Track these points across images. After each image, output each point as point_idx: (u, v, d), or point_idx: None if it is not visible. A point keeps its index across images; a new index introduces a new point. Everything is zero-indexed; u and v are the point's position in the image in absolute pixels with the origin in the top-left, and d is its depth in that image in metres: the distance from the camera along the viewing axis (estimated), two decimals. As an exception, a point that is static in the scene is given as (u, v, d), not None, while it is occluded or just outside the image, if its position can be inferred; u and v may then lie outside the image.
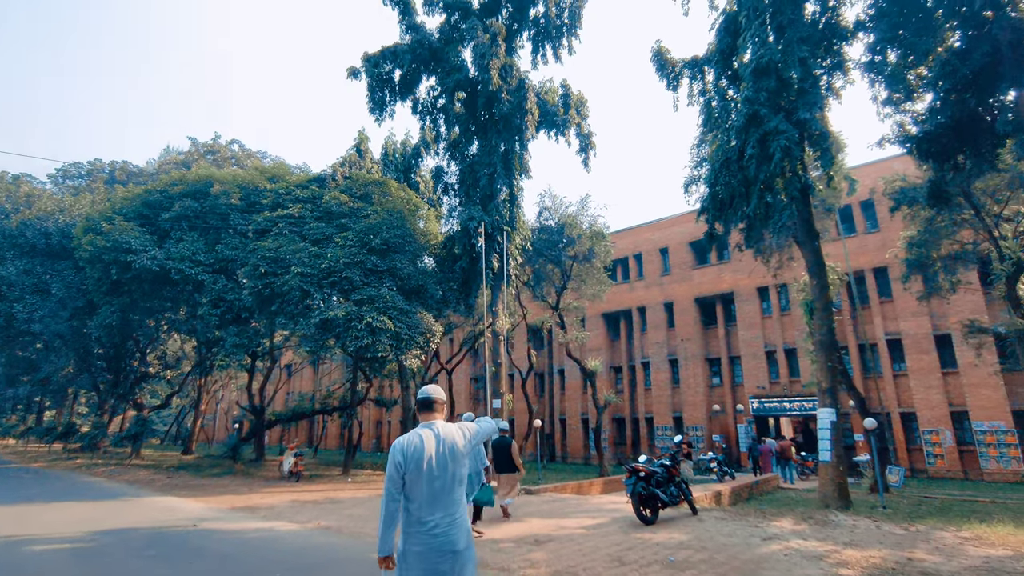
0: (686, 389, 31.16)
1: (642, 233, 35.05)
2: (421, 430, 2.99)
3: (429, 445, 2.89)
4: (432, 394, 3.09)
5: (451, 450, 2.91)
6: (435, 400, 3.08)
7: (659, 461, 10.42)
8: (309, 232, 17.48)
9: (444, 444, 2.92)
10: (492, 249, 18.20)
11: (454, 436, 2.98)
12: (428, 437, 2.93)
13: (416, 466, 2.82)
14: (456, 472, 2.91)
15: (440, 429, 2.99)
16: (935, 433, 23.31)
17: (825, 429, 10.88)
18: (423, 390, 3.11)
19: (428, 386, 3.14)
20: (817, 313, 11.70)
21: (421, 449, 2.86)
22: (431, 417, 3.07)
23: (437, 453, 2.88)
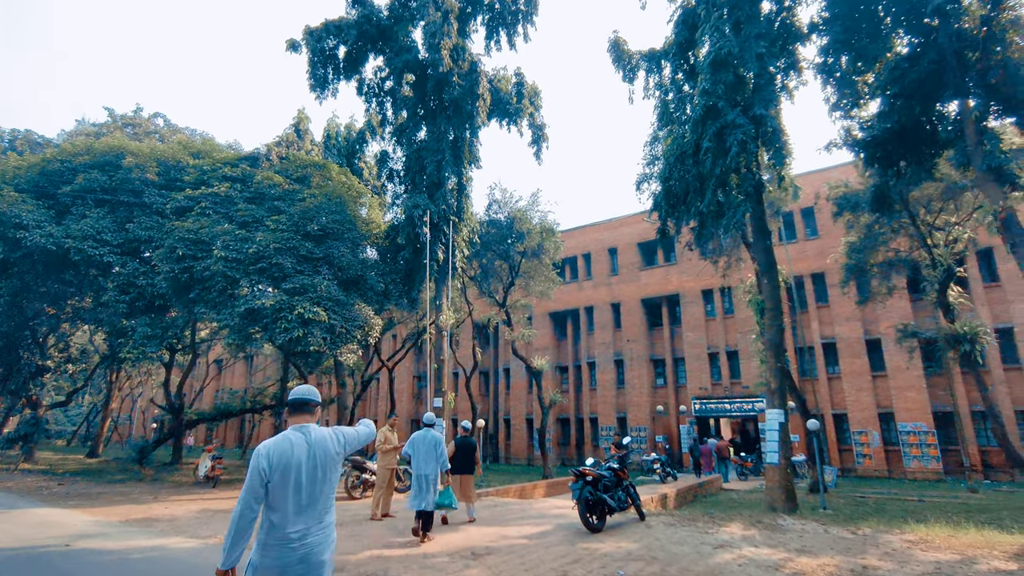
0: (631, 390, 31.22)
1: (591, 233, 34.96)
2: (291, 434, 2.76)
3: (299, 451, 2.70)
4: (305, 395, 2.89)
5: (323, 456, 2.75)
6: (309, 402, 2.88)
7: (607, 464, 9.87)
8: (237, 214, 15.95)
9: (316, 450, 2.74)
10: (438, 240, 17.25)
11: (327, 441, 2.81)
12: (298, 442, 2.73)
13: (283, 474, 2.62)
14: (328, 479, 2.77)
15: (312, 433, 2.78)
16: (864, 434, 24.24)
17: (773, 431, 10.69)
18: (296, 390, 2.91)
19: (301, 386, 2.95)
20: (767, 313, 11.54)
21: (289, 455, 2.66)
22: (304, 420, 2.86)
23: (307, 459, 2.70)
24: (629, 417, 30.93)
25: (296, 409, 2.88)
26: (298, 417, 2.86)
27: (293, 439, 2.74)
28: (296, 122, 21.09)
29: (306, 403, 2.87)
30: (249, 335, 14.93)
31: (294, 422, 2.86)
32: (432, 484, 8.02)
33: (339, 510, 10.98)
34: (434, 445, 8.23)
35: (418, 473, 8.05)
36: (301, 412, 2.87)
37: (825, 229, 26.98)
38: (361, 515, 10.29)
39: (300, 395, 2.89)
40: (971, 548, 7.55)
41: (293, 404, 2.88)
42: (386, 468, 10.02)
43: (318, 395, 2.98)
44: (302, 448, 2.71)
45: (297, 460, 2.67)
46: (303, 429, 2.81)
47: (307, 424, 2.84)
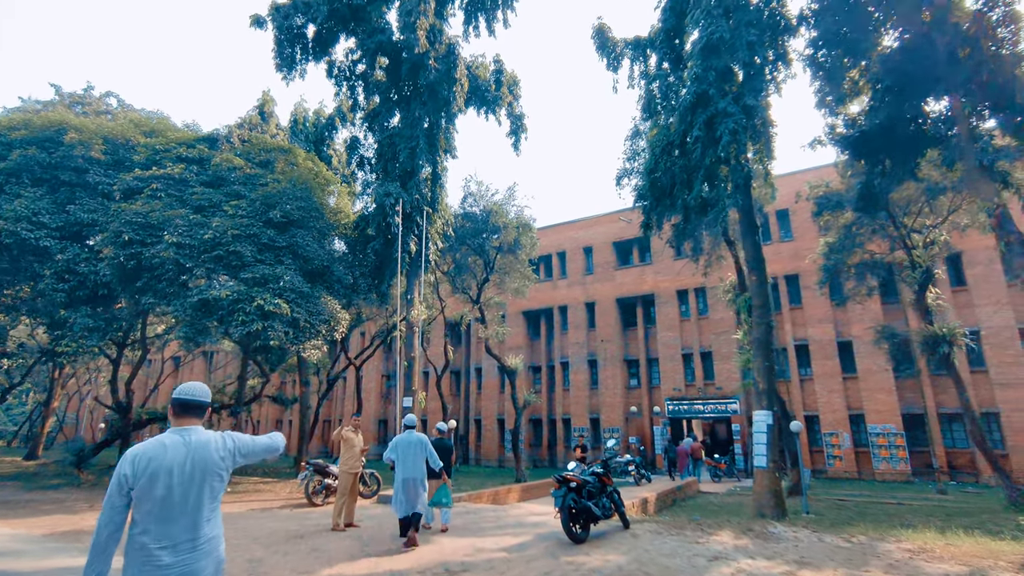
0: (604, 390, 30.83)
1: (566, 231, 34.48)
2: (167, 437, 2.43)
3: (173, 456, 2.36)
4: (190, 394, 2.54)
5: (202, 465, 2.40)
6: (193, 403, 2.53)
7: (590, 468, 9.23)
8: (192, 197, 14.76)
9: (194, 457, 2.40)
10: (410, 231, 16.39)
11: (209, 446, 2.45)
12: (174, 447, 2.39)
13: (149, 482, 2.30)
14: (206, 488, 2.41)
15: (193, 438, 2.44)
16: (835, 435, 24.36)
17: (761, 433, 10.26)
18: (180, 388, 2.55)
19: (189, 384, 2.60)
20: (755, 310, 11.11)
21: (159, 461, 2.33)
22: (188, 422, 2.50)
23: (180, 467, 2.35)
24: (602, 418, 30.53)
25: (180, 410, 2.52)
26: (181, 419, 2.52)
27: (168, 442, 2.41)
28: (260, 104, 19.87)
29: (190, 404, 2.52)
30: (203, 328, 13.79)
31: (176, 424, 2.51)
32: (421, 487, 7.48)
33: (298, 519, 10.06)
34: (421, 446, 7.65)
35: (405, 477, 7.43)
36: (185, 414, 2.52)
37: (799, 231, 27.12)
38: (323, 524, 9.39)
39: (184, 394, 2.54)
40: (974, 558, 7.17)
41: (176, 404, 2.52)
42: (349, 473, 9.15)
43: (207, 394, 2.61)
44: (177, 452, 2.37)
45: (168, 466, 2.33)
46: (183, 432, 2.46)
47: (190, 427, 2.49)
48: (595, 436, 30.86)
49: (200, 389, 2.61)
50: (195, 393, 2.56)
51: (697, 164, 11.37)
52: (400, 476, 7.46)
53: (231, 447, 2.52)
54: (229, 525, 9.40)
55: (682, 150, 12.13)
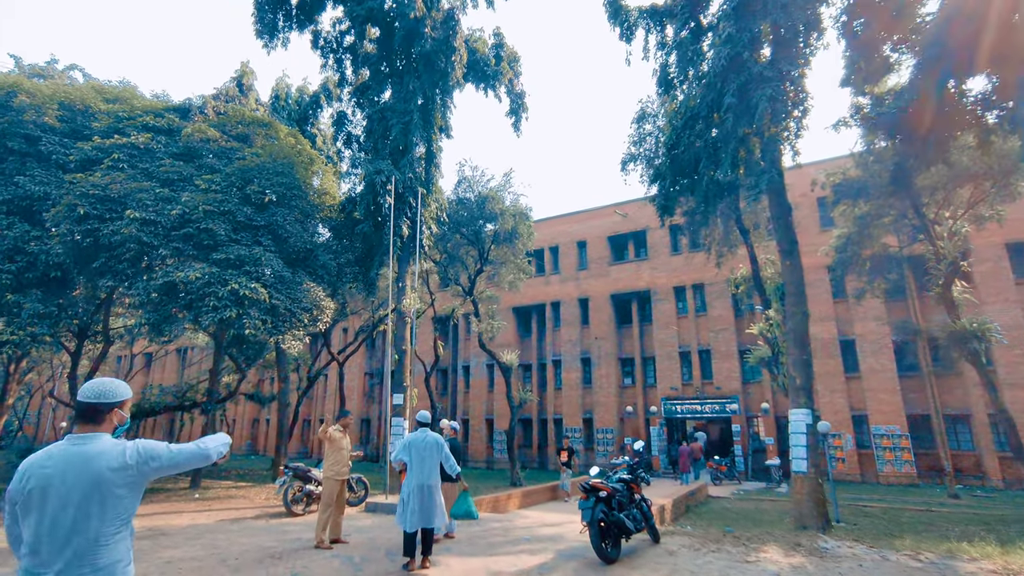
0: (598, 390, 29.75)
1: (559, 225, 33.33)
2: (56, 446, 2.01)
3: (55, 469, 1.94)
4: (92, 395, 2.06)
5: (88, 479, 1.94)
6: (91, 406, 2.05)
7: (617, 475, 8.06)
8: (159, 170, 13.24)
9: (78, 470, 1.94)
10: (403, 213, 15.05)
11: (100, 460, 1.97)
12: (60, 457, 1.97)
13: (27, 498, 1.93)
14: (94, 510, 1.93)
15: (87, 447, 1.99)
16: (837, 437, 23.58)
17: (800, 434, 9.20)
18: (83, 388, 2.09)
19: (94, 381, 2.11)
20: (790, 298, 10.06)
21: (40, 474, 1.94)
22: (86, 428, 2.05)
23: (61, 482, 1.92)
24: (596, 418, 29.45)
25: (83, 416, 2.06)
26: (84, 426, 2.05)
27: (55, 452, 1.98)
28: (239, 75, 18.31)
29: (96, 408, 2.05)
30: (169, 315, 12.28)
31: (79, 430, 2.05)
32: (436, 495, 6.28)
33: (276, 532, 8.69)
34: (437, 448, 6.46)
35: (419, 483, 6.22)
36: (82, 419, 2.05)
37: (802, 226, 26.11)
38: (305, 539, 8.05)
39: (85, 396, 2.06)
40: (1076, 580, 6.17)
41: (80, 409, 2.06)
42: (335, 479, 7.83)
43: (114, 394, 2.10)
44: (60, 464, 1.94)
45: (46, 480, 1.92)
46: (79, 440, 2.01)
47: (88, 435, 2.02)
48: (588, 437, 29.78)
49: (104, 388, 2.11)
50: (95, 394, 2.07)
51: (727, 136, 10.29)
52: (413, 482, 6.23)
53: (134, 458, 2.01)
54: (193, 540, 8.00)
55: (707, 123, 11.04)
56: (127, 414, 2.19)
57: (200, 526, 9.26)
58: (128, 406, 2.21)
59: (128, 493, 2.01)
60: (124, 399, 2.14)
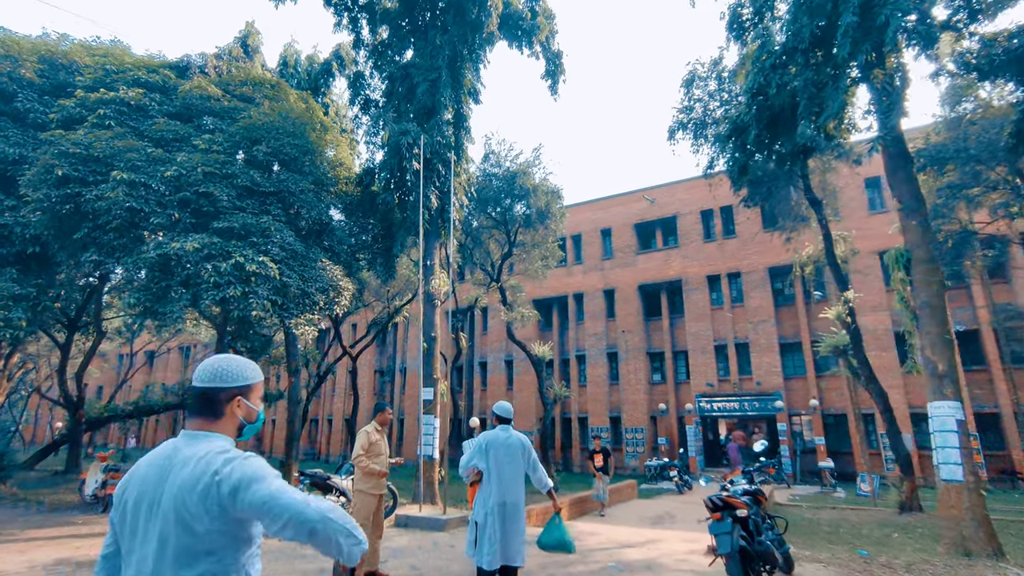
0: (626, 386, 27.87)
1: (582, 212, 31.40)
2: (171, 446, 1.49)
3: (145, 475, 1.46)
4: (212, 374, 1.51)
5: (174, 500, 1.38)
6: (217, 393, 1.51)
7: (740, 487, 6.21)
8: (152, 128, 11.45)
9: (166, 484, 1.41)
10: (430, 182, 13.22)
11: (193, 474, 1.38)
12: (155, 460, 1.48)
13: (121, 513, 1.46)
14: (170, 543, 1.36)
15: (193, 452, 1.43)
16: (894, 436, 21.61)
17: (949, 432, 7.36)
18: (202, 366, 1.52)
19: (216, 357, 1.56)
20: (918, 267, 8.19)
21: (130, 480, 1.48)
22: (204, 424, 1.50)
23: (151, 494, 1.42)
24: (624, 417, 27.57)
25: (191, 405, 1.52)
26: (192, 419, 1.51)
27: (156, 452, 1.48)
28: (244, 35, 16.53)
29: (202, 394, 1.50)
30: (163, 293, 10.46)
31: (189, 426, 1.51)
32: (522, 519, 4.54)
33: (291, 558, 6.86)
34: (521, 451, 4.64)
35: (500, 500, 4.45)
36: (195, 410, 1.50)
37: (848, 209, 24.12)
38: (330, 568, 6.23)
39: (198, 378, 1.50)
40: None
41: (190, 395, 1.54)
42: (371, 494, 5.96)
43: (239, 375, 1.52)
44: (152, 470, 1.44)
45: (136, 489, 1.44)
46: (190, 439, 1.47)
47: (202, 433, 1.48)
48: (615, 437, 27.91)
49: (223, 367, 1.52)
50: (211, 374, 1.49)
51: (840, 67, 8.43)
52: (492, 499, 4.42)
53: (227, 483, 1.35)
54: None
55: (807, 59, 9.18)
56: (258, 406, 1.58)
57: (198, 548, 7.44)
58: (259, 393, 1.58)
59: (214, 533, 1.35)
60: (252, 383, 1.54)
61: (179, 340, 38.95)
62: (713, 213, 27.54)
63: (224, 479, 1.34)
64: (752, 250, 26.09)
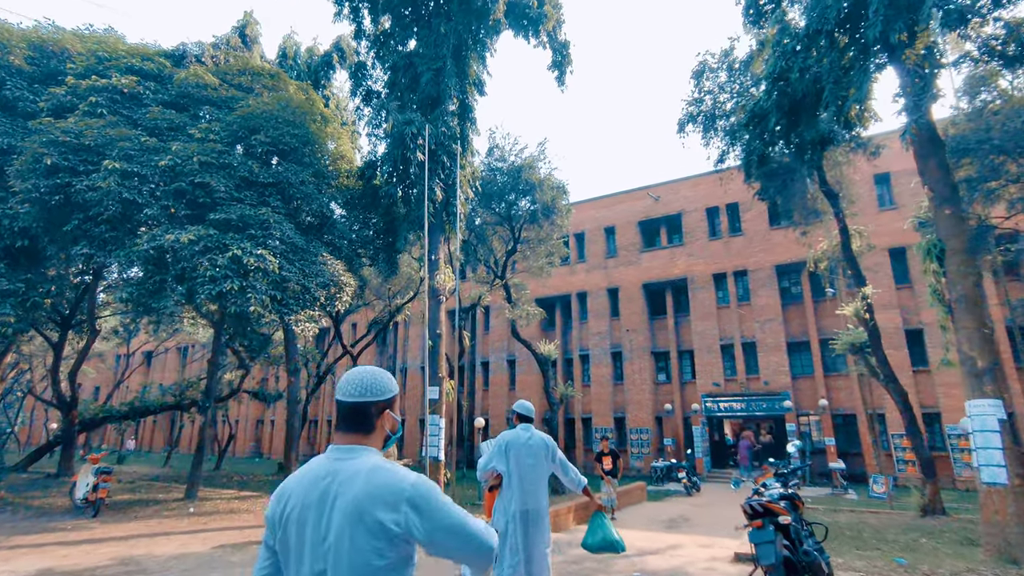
0: (630, 386, 27.44)
1: (585, 210, 30.97)
2: (327, 461, 1.46)
3: (309, 489, 1.44)
4: (363, 388, 1.50)
5: (355, 515, 1.35)
6: (368, 407, 1.50)
7: (775, 490, 5.78)
8: (146, 117, 11.01)
9: (347, 499, 1.36)
10: (435, 174, 12.78)
11: (380, 493, 1.36)
12: (315, 473, 1.46)
13: (284, 531, 1.43)
14: (349, 565, 1.33)
15: (363, 464, 1.43)
16: (905, 437, 21.21)
17: (991, 432, 6.92)
18: (347, 380, 1.51)
19: (360, 370, 1.54)
20: (954, 256, 7.76)
21: (293, 494, 1.45)
22: (356, 439, 1.48)
23: (316, 510, 1.39)
24: (628, 417, 27.14)
25: (341, 420, 1.50)
26: (342, 434, 1.48)
27: (315, 468, 1.44)
28: (242, 25, 16.08)
29: (354, 409, 1.48)
30: (158, 288, 10.02)
31: (338, 441, 1.48)
32: (546, 527, 4.09)
33: None
34: (548, 454, 4.18)
35: (522, 508, 4.00)
36: (345, 425, 1.48)
37: (856, 207, 23.58)
38: None
39: (347, 393, 1.49)
40: None
41: (338, 410, 1.52)
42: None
43: (387, 387, 1.51)
44: (317, 485, 1.40)
45: (301, 503, 1.39)
46: (346, 454, 1.43)
47: (357, 447, 1.44)
48: (620, 438, 27.48)
49: (372, 381, 1.50)
50: (361, 388, 1.48)
51: (868, 49, 8.03)
52: (514, 505, 3.99)
53: (416, 506, 1.35)
54: (180, 584, 5.75)
55: (831, 42, 8.76)
56: (399, 416, 1.61)
57: (191, 556, 7.00)
58: (398, 404, 1.57)
59: (392, 556, 1.34)
60: (395, 395, 1.55)
61: (177, 340, 38.42)
62: (719, 210, 27.15)
63: (416, 498, 1.34)
64: (758, 248, 25.70)
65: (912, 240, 22.11)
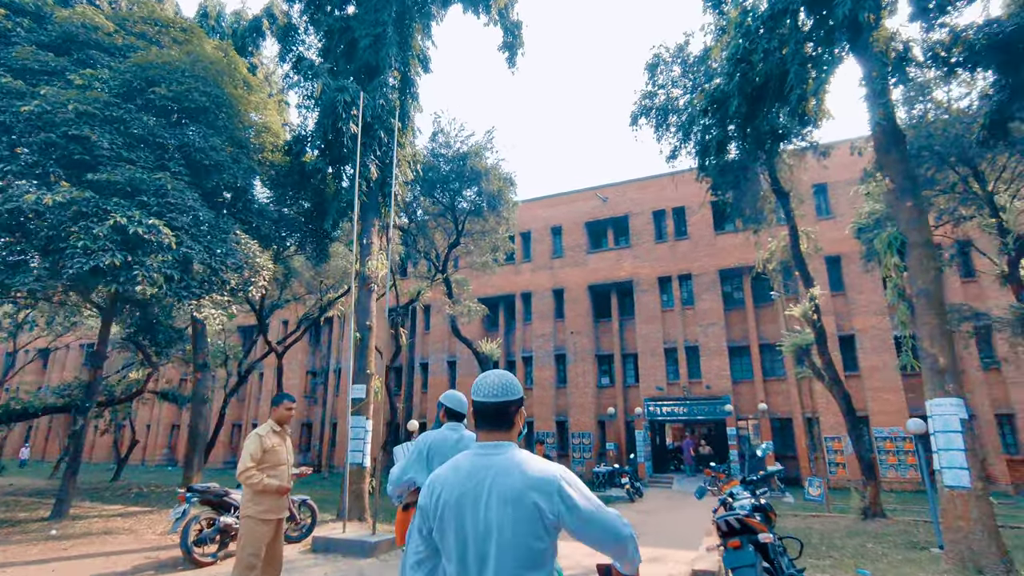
0: (574, 389, 26.88)
1: (532, 209, 30.27)
2: (476, 458, 1.59)
3: (480, 482, 1.54)
4: (503, 388, 1.62)
5: (518, 499, 1.48)
6: (510, 405, 1.61)
7: (745, 500, 5.00)
8: (13, 57, 9.15)
9: (510, 486, 1.50)
10: (370, 151, 11.50)
11: (537, 482, 1.50)
12: (484, 470, 1.56)
13: (451, 514, 1.55)
14: (513, 550, 1.47)
15: (516, 458, 1.57)
16: (837, 440, 21.70)
17: (953, 432, 6.50)
18: (485, 383, 1.62)
19: (494, 373, 1.65)
20: (915, 250, 7.39)
21: (462, 486, 1.57)
22: (500, 436, 1.60)
23: (488, 500, 1.51)
24: (571, 421, 26.55)
25: (482, 420, 1.62)
26: (486, 432, 1.61)
27: (465, 464, 1.58)
28: (152, -26, 14.16)
29: (496, 409, 1.59)
30: (18, 262, 8.24)
31: (483, 438, 1.62)
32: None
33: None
34: None
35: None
36: (489, 424, 1.61)
37: (839, 208, 23.93)
38: None
39: (489, 393, 1.61)
40: None
41: (478, 411, 1.63)
42: (262, 520, 4.31)
43: (519, 387, 1.64)
44: (476, 481, 1.53)
45: (465, 493, 1.53)
46: (494, 450, 1.57)
47: (503, 443, 1.59)
48: (561, 442, 26.85)
49: (508, 381, 1.64)
50: (502, 388, 1.61)
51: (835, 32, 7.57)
52: None
53: (562, 497, 1.47)
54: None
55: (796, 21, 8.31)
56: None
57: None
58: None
59: (548, 541, 1.48)
60: (523, 394, 1.67)
61: (78, 335, 34.56)
62: (665, 214, 27.16)
63: (564, 488, 1.46)
64: (703, 252, 25.84)
65: (846, 249, 22.80)
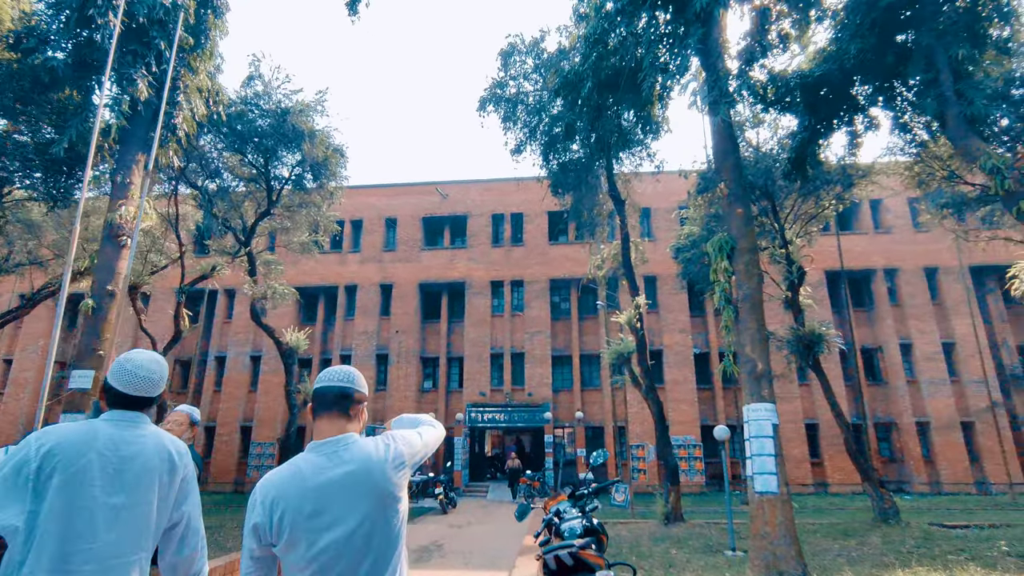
0: (394, 392, 25.08)
1: (365, 196, 27.87)
2: (315, 455, 1.62)
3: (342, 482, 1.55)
4: (347, 376, 1.75)
5: (376, 485, 1.58)
6: (352, 392, 1.74)
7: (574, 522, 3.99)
8: None
9: (369, 476, 1.58)
10: (140, 61, 8.68)
11: (382, 458, 1.64)
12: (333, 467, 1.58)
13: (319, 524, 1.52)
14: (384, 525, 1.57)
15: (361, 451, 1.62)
16: (641, 447, 23.15)
17: (766, 438, 6.41)
18: (329, 371, 1.74)
19: (339, 366, 1.74)
20: (742, 255, 7.40)
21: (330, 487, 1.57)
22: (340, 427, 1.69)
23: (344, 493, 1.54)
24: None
25: (319, 406, 1.71)
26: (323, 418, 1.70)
27: (304, 466, 1.59)
28: None
29: (339, 394, 1.70)
30: None
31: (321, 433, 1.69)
32: None
33: None
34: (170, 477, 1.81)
35: None
36: (326, 411, 1.71)
37: (659, 232, 25.49)
38: None
39: (334, 378, 1.72)
40: None
41: (314, 397, 1.75)
42: None
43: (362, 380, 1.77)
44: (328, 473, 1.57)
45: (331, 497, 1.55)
46: (329, 446, 1.62)
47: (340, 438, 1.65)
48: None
49: (353, 371, 1.77)
50: (346, 375, 1.72)
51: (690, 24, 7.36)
52: None
53: (398, 451, 1.66)
54: None
55: (653, 13, 8.01)
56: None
57: None
58: None
59: (403, 496, 1.63)
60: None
61: None
62: (504, 218, 26.99)
63: (396, 446, 1.72)
64: (536, 260, 26.13)
65: (662, 271, 24.78)
